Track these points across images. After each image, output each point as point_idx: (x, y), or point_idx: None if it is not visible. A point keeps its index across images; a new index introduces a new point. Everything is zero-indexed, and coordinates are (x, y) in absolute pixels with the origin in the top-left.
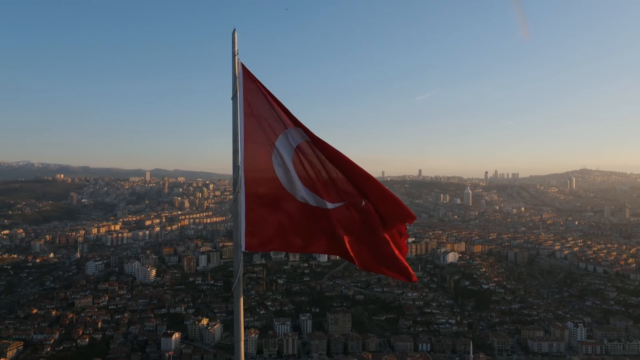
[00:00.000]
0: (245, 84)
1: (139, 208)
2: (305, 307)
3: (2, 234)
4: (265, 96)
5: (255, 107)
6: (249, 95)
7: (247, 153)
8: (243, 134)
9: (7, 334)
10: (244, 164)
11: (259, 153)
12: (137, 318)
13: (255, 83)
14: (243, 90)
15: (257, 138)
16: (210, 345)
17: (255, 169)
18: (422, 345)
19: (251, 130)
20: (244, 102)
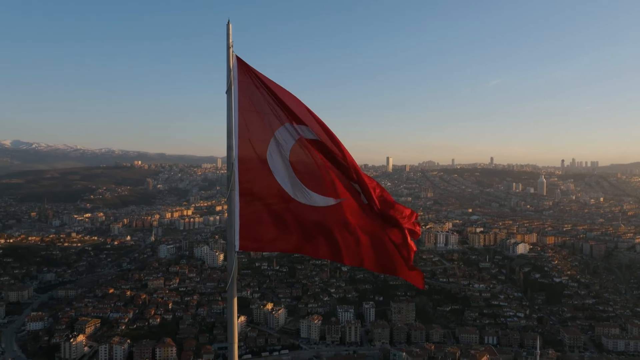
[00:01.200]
0: (240, 78)
1: (210, 194)
2: (368, 295)
3: (85, 217)
4: (262, 90)
5: (251, 102)
6: (244, 89)
7: (241, 150)
8: (237, 130)
9: (86, 311)
10: (239, 161)
11: (254, 150)
12: (205, 300)
13: (252, 76)
14: (238, 84)
15: (253, 134)
16: (275, 330)
17: (249, 167)
18: (488, 338)
19: (246, 126)
20: (239, 96)
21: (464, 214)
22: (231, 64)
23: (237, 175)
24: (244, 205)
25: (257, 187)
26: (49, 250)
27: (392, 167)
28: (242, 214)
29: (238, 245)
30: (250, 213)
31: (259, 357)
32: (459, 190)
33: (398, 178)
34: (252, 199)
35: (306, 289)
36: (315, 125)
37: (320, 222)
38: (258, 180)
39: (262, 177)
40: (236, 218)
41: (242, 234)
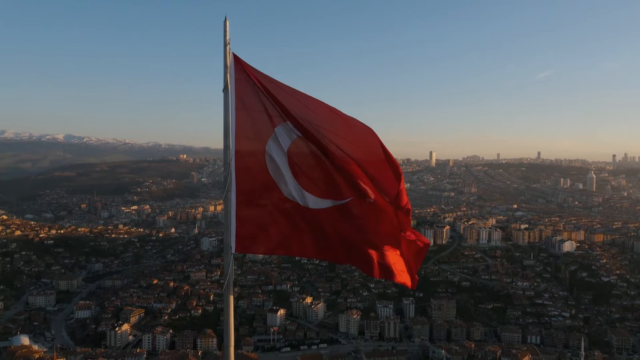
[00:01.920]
0: (237, 76)
1: None
2: (408, 291)
3: (132, 209)
4: (260, 88)
5: (248, 101)
6: (241, 87)
7: (238, 150)
8: (234, 130)
9: (131, 301)
10: (235, 161)
11: (251, 150)
12: (246, 293)
13: (249, 74)
14: (235, 82)
15: (250, 134)
16: (314, 323)
17: (246, 167)
18: (531, 338)
19: (243, 125)
20: (236, 95)
21: (509, 210)
22: (228, 62)
23: (233, 175)
24: (240, 207)
25: (254, 188)
26: (98, 241)
27: (435, 161)
28: (239, 215)
29: (234, 247)
30: (247, 214)
31: (298, 350)
32: (503, 185)
33: (441, 173)
34: (249, 200)
35: (345, 284)
36: (318, 121)
37: (319, 224)
38: (255, 181)
39: (260, 178)
40: (232, 219)
41: (239, 236)
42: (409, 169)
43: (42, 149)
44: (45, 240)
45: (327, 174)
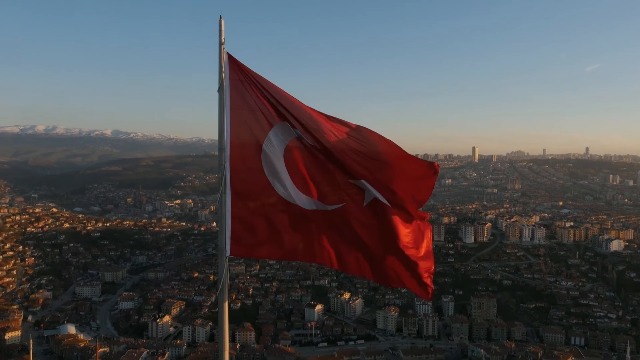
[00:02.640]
0: (232, 75)
1: None
2: (448, 289)
3: (175, 203)
4: (255, 89)
5: (243, 101)
6: (236, 87)
7: (233, 151)
8: (229, 130)
9: (172, 293)
10: (230, 162)
11: (246, 151)
12: (285, 288)
13: (244, 74)
14: (229, 82)
15: (245, 135)
16: (351, 319)
17: (241, 169)
18: (575, 339)
19: (238, 126)
20: (231, 95)
21: (554, 207)
22: (223, 61)
23: (228, 177)
24: (235, 209)
25: (250, 190)
26: (142, 234)
27: (478, 157)
28: (234, 218)
29: (229, 250)
30: (242, 217)
31: (335, 346)
32: (549, 182)
33: (484, 169)
34: (244, 202)
35: None
36: (313, 123)
37: (316, 227)
38: (250, 183)
39: (255, 179)
40: (227, 222)
41: (234, 239)
42: (451, 164)
43: (91, 144)
44: (92, 232)
45: (324, 176)
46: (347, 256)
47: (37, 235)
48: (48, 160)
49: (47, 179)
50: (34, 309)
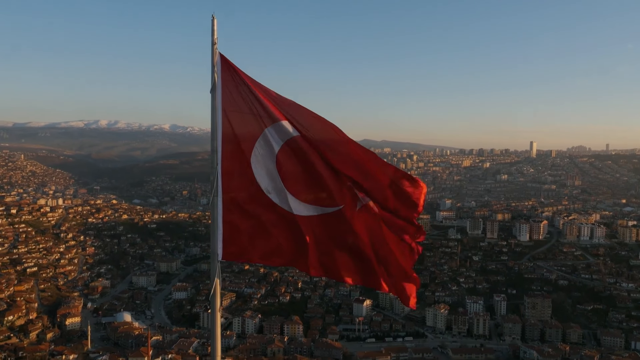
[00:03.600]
0: (224, 76)
1: None
2: (500, 288)
3: None
4: (247, 90)
5: (235, 102)
6: (228, 88)
7: (224, 153)
8: (221, 132)
9: (223, 285)
10: (222, 165)
11: (237, 154)
12: (333, 282)
13: (236, 75)
14: (221, 83)
15: (237, 137)
16: (400, 316)
17: (233, 171)
18: (636, 344)
19: (230, 127)
20: (222, 96)
21: (616, 205)
22: (215, 62)
23: (219, 180)
24: (227, 213)
25: (241, 194)
26: (196, 227)
27: (536, 152)
28: (226, 222)
29: (221, 255)
30: (234, 222)
31: (382, 342)
32: (612, 178)
33: (542, 164)
34: (236, 206)
35: (434, 277)
36: (308, 125)
37: (307, 233)
38: (242, 186)
39: (247, 183)
40: (219, 226)
41: (226, 243)
42: (507, 159)
43: (150, 138)
44: (149, 224)
45: (318, 178)
46: (339, 263)
47: (98, 226)
48: (110, 153)
49: (108, 172)
50: (93, 296)
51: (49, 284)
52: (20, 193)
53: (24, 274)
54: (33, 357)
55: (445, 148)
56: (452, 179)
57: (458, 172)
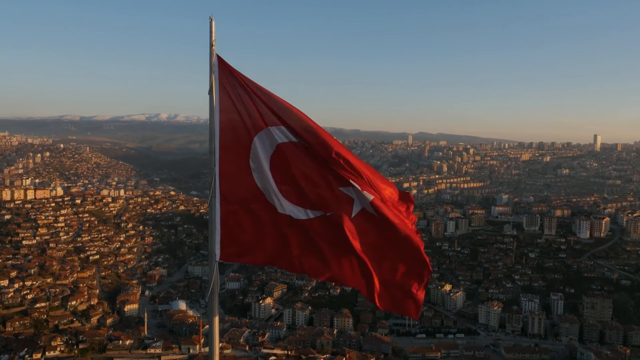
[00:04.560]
0: (221, 78)
1: (399, 170)
2: (557, 286)
3: None
4: (243, 92)
5: (231, 104)
6: (225, 90)
7: (222, 154)
8: (218, 134)
9: (275, 277)
10: (219, 166)
11: (234, 155)
12: None
13: (233, 76)
14: (219, 84)
15: (233, 138)
16: (451, 312)
17: (230, 173)
18: None
19: (227, 129)
20: (220, 98)
21: None
22: (212, 63)
23: (217, 181)
24: (225, 214)
25: (239, 195)
26: None
27: (600, 145)
28: (224, 223)
29: (219, 255)
30: (232, 223)
31: (433, 338)
32: None
33: (606, 158)
34: (234, 207)
35: (488, 273)
36: (302, 128)
37: (304, 236)
38: (239, 188)
39: (244, 184)
40: (217, 226)
41: (224, 244)
42: (569, 153)
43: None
44: (204, 215)
45: (313, 181)
46: (333, 266)
47: (156, 217)
48: (169, 146)
49: (168, 164)
50: (150, 284)
51: (109, 271)
52: (85, 184)
53: (87, 262)
54: (92, 341)
55: (503, 141)
56: (509, 173)
57: (516, 166)
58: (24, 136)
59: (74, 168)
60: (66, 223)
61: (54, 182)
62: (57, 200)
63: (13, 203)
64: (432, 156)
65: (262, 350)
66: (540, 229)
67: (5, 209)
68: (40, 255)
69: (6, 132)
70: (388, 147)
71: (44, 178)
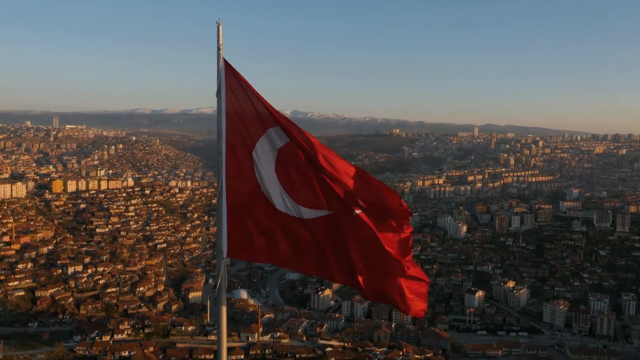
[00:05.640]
0: (227, 81)
1: (464, 163)
2: (629, 286)
3: None
4: (248, 95)
5: (237, 107)
6: (231, 92)
7: (228, 155)
8: (224, 135)
9: None
10: (226, 166)
11: (239, 156)
12: (445, 271)
13: (238, 80)
14: (225, 87)
15: (239, 140)
16: (514, 309)
17: (236, 173)
18: None
19: (233, 131)
20: (226, 101)
21: None
22: (220, 67)
23: (224, 181)
24: (231, 213)
25: (244, 195)
26: None
27: None
28: (230, 222)
29: (226, 252)
30: (237, 222)
31: (494, 335)
32: None
33: None
34: (239, 207)
35: (554, 271)
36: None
37: (308, 235)
38: (243, 187)
39: (248, 185)
40: (224, 224)
41: (230, 241)
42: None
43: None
44: None
45: (313, 182)
46: (332, 264)
47: None
48: None
49: None
50: (214, 273)
51: (175, 259)
52: (155, 175)
53: (155, 250)
54: (157, 326)
55: (575, 133)
56: (581, 167)
57: (589, 159)
58: (99, 129)
59: (145, 160)
60: (136, 212)
61: (125, 173)
62: (128, 191)
63: (88, 193)
64: (498, 149)
65: (319, 341)
66: (612, 225)
67: (81, 198)
68: (111, 242)
69: (84, 126)
70: (453, 139)
71: (117, 169)
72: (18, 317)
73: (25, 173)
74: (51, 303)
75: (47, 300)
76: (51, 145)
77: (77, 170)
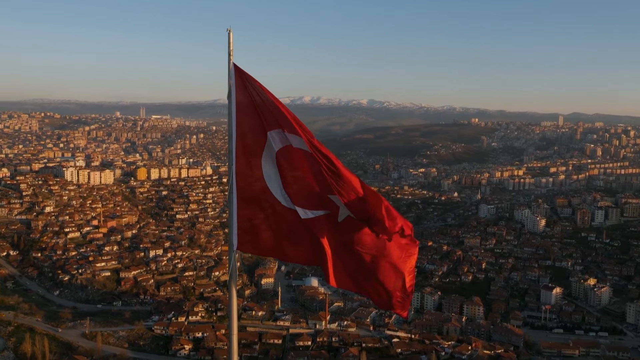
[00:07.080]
0: (237, 82)
1: (547, 154)
2: None
3: (419, 172)
4: (257, 95)
5: (247, 107)
6: (242, 93)
7: (238, 154)
8: (235, 134)
9: None
10: (236, 165)
11: (248, 155)
12: (521, 266)
13: (248, 81)
14: (235, 89)
15: (248, 139)
16: (595, 308)
17: (245, 172)
18: None
19: (243, 131)
20: (236, 101)
21: None
22: (230, 70)
23: (234, 178)
24: (241, 210)
25: (251, 192)
26: None
27: None
28: (240, 217)
29: (236, 245)
30: (247, 216)
31: (571, 334)
32: None
33: None
34: (249, 204)
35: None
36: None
37: (310, 233)
38: (252, 185)
39: (256, 183)
40: (234, 219)
41: (240, 236)
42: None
43: (349, 113)
44: None
45: (313, 183)
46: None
47: None
48: (312, 127)
49: None
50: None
51: None
52: None
53: None
54: None
55: None
56: None
57: None
58: (182, 119)
59: (224, 149)
60: (213, 200)
61: (205, 162)
62: (207, 179)
63: (169, 180)
64: (585, 139)
65: (386, 331)
66: None
67: (164, 185)
68: (190, 228)
69: (168, 116)
70: (535, 128)
71: (198, 158)
72: (104, 296)
73: (114, 161)
74: (134, 284)
75: (130, 281)
76: (138, 134)
77: (161, 158)
